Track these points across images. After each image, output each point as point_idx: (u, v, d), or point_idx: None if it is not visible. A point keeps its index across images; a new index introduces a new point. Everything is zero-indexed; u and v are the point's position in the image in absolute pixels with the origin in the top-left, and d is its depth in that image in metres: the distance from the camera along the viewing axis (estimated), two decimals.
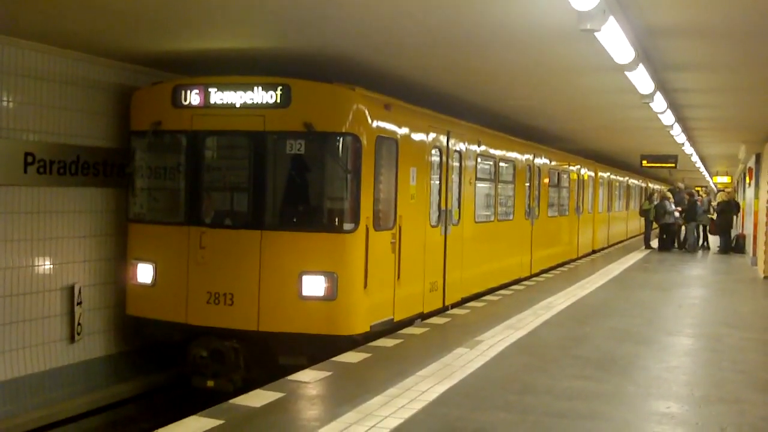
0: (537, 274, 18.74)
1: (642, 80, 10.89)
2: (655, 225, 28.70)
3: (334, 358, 8.96)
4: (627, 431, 6.79)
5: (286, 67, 10.57)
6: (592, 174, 26.91)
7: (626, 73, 10.17)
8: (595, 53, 9.14)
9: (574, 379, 8.37)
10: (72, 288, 10.40)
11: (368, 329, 10.13)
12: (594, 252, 26.92)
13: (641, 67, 9.95)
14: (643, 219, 30.05)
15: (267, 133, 10.00)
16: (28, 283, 9.86)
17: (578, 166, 24.46)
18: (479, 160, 14.73)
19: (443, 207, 12.67)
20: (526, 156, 18.34)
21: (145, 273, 10.51)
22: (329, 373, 8.27)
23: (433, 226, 12.29)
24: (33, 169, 9.75)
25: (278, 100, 9.92)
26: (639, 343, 10.65)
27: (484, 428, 6.61)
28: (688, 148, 25.25)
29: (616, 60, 9.24)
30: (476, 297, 14.14)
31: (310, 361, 8.86)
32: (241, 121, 10.12)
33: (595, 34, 7.59)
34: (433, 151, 12.30)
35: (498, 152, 16.05)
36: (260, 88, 9.98)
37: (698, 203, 27.46)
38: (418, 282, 11.73)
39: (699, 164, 36.22)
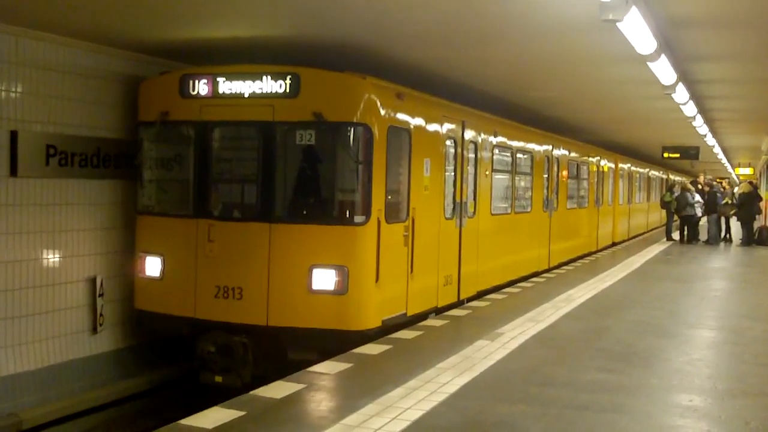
0: (555, 267, 18.48)
1: (664, 71, 10.81)
2: (676, 217, 28.50)
3: (353, 350, 8.96)
4: (649, 424, 6.73)
5: (297, 56, 10.45)
6: (612, 165, 26.57)
7: (648, 63, 10.11)
8: (616, 44, 9.08)
9: (596, 372, 8.33)
10: (94, 280, 10.46)
11: (380, 324, 9.94)
12: (614, 244, 26.59)
13: (663, 58, 9.88)
14: (664, 211, 29.89)
15: (276, 123, 9.82)
16: (51, 275, 9.96)
17: (598, 158, 24.12)
18: (495, 151, 14.46)
19: (458, 199, 12.45)
20: (545, 147, 18.03)
21: (153, 266, 10.40)
22: (349, 365, 8.27)
23: (447, 219, 12.08)
24: (55, 161, 9.82)
25: (287, 90, 9.74)
26: (661, 336, 10.58)
27: (505, 421, 6.59)
28: (710, 140, 25.08)
29: (638, 50, 9.18)
30: (492, 291, 13.92)
31: (321, 357, 8.68)
32: (250, 111, 9.96)
33: (618, 24, 7.54)
34: (448, 142, 12.09)
35: (515, 143, 15.76)
36: (269, 77, 9.81)
37: (718, 195, 27.22)
38: (432, 275, 11.54)
39: (721, 156, 35.98)
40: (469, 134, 12.86)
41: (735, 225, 28.52)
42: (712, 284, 17.17)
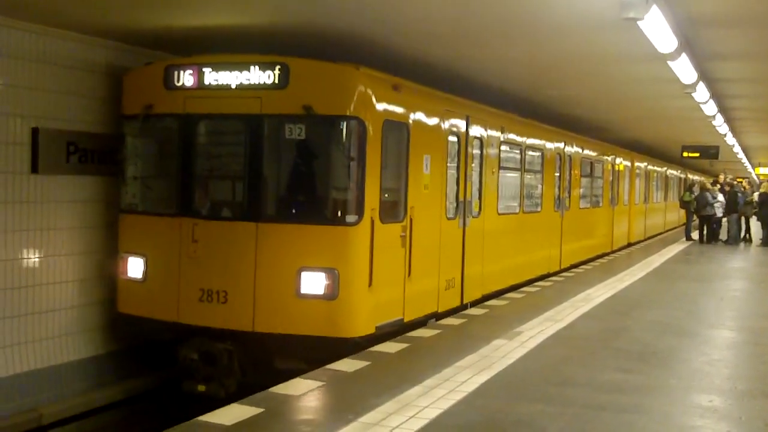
0: (567, 269, 17.94)
1: (684, 70, 10.76)
2: (695, 217, 28.33)
3: (372, 348, 8.97)
4: (669, 425, 6.70)
5: (288, 46, 9.98)
6: (628, 164, 25.97)
7: (668, 62, 10.06)
8: (637, 42, 9.04)
9: (615, 372, 8.30)
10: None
11: (373, 331, 9.36)
12: (630, 245, 25.98)
13: (684, 57, 9.83)
14: (682, 211, 29.70)
15: (264, 116, 9.28)
16: (71, 271, 10.02)
17: (613, 156, 23.46)
18: (503, 147, 13.89)
19: (462, 198, 11.88)
20: (556, 144, 17.45)
21: (135, 267, 9.88)
22: (367, 363, 8.28)
23: (450, 219, 11.51)
24: (75, 158, 9.86)
25: (276, 81, 9.18)
26: (680, 336, 10.53)
27: (523, 420, 6.58)
28: (730, 139, 24.92)
29: (659, 49, 9.13)
30: (499, 294, 13.39)
31: (310, 366, 8.17)
32: (237, 104, 9.41)
33: (638, 22, 7.51)
34: (451, 138, 11.52)
35: (524, 140, 15.15)
36: (257, 67, 9.25)
37: (739, 194, 27.04)
38: (432, 279, 11.01)
39: (741, 155, 35.72)
40: (474, 130, 12.32)
41: (755, 225, 28.34)
42: (732, 284, 17.06)
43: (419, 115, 10.48)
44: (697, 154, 28.35)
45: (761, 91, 14.63)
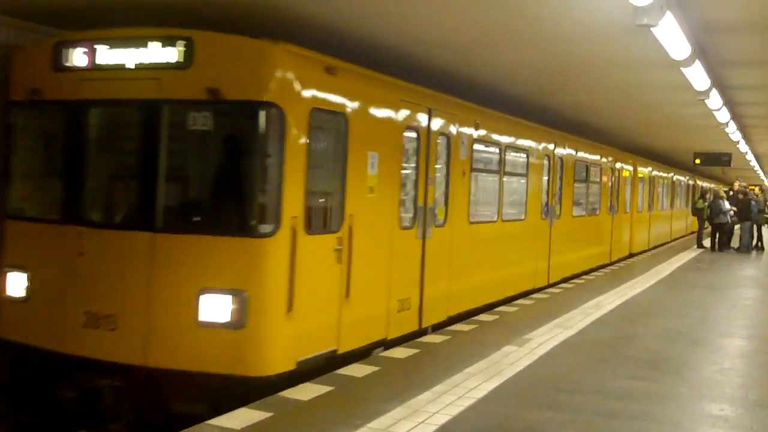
0: (557, 283, 16.22)
1: (698, 77, 10.72)
2: (707, 224, 28.20)
3: (381, 353, 8.96)
4: None
5: (202, 19, 8.44)
6: (630, 168, 24.23)
7: (682, 69, 10.02)
8: (650, 49, 9.01)
9: (625, 379, 8.26)
10: None
11: (293, 367, 7.66)
12: (631, 256, 24.22)
13: (697, 63, 9.80)
14: (690, 219, 29.49)
15: (162, 102, 7.70)
16: None
17: (612, 159, 21.59)
18: (477, 146, 12.13)
19: (421, 204, 10.22)
20: (545, 145, 15.63)
21: (16, 284, 8.28)
22: (377, 368, 8.27)
23: (405, 228, 9.88)
24: None
25: (178, 59, 7.60)
26: (691, 344, 10.47)
27: (533, 427, 6.55)
28: (743, 146, 24.83)
29: (672, 56, 9.10)
30: (472, 314, 11.72)
31: (213, 411, 6.78)
32: (133, 87, 7.83)
33: (652, 29, 7.48)
34: (408, 133, 9.91)
35: (504, 138, 13.39)
36: (155, 43, 7.69)
37: (752, 202, 26.92)
38: (379, 300, 9.37)
39: (753, 162, 35.57)
40: (438, 124, 10.64)
41: (767, 233, 28.22)
42: (744, 292, 16.98)
43: (362, 104, 8.88)
44: (709, 162, 28.24)
45: None
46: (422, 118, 10.25)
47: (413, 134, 10.06)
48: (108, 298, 7.69)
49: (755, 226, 27.57)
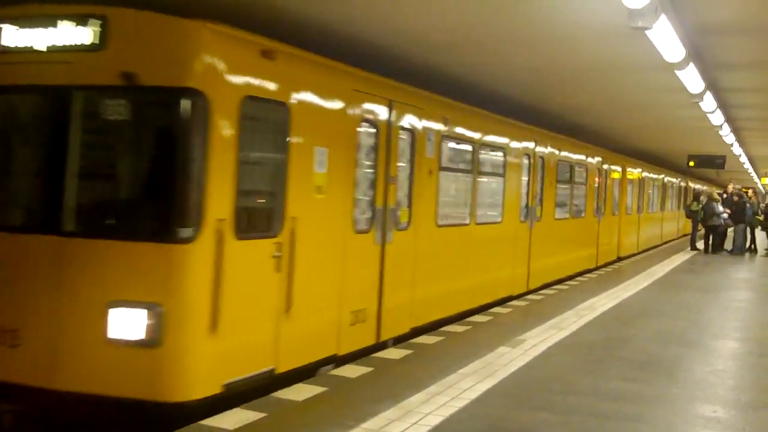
0: (538, 289, 15.39)
1: (692, 79, 10.75)
2: (700, 226, 28.26)
3: (375, 354, 8.95)
4: None
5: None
6: (619, 169, 23.46)
7: (676, 71, 10.05)
8: (644, 51, 9.04)
9: (619, 381, 8.28)
10: None
11: (219, 390, 6.81)
12: (619, 260, 23.45)
13: (691, 66, 9.82)
14: (682, 223, 29.46)
15: (72, 88, 6.89)
16: None
17: (599, 159, 20.80)
18: (447, 144, 11.33)
19: (380, 205, 9.42)
20: (524, 143, 14.75)
21: None
22: (370, 369, 8.27)
23: (360, 232, 9.03)
24: None
25: (92, 40, 6.78)
26: (684, 346, 10.49)
27: (526, 428, 6.56)
28: (736, 149, 24.89)
29: (667, 58, 9.12)
30: (438, 326, 10.81)
31: None
32: (42, 72, 7.02)
33: (646, 32, 7.50)
34: (364, 128, 9.11)
35: (478, 135, 12.54)
36: (67, 22, 6.86)
37: (747, 205, 26.98)
38: (328, 312, 8.48)
39: (747, 165, 35.66)
40: (400, 118, 9.82)
41: (760, 235, 28.30)
42: (737, 294, 17.01)
43: (308, 95, 8.00)
44: (703, 164, 28.31)
45: None
46: (381, 111, 9.42)
47: (371, 129, 9.25)
48: (9, 310, 6.88)
49: (748, 229, 27.64)
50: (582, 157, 19.12)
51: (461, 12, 8.26)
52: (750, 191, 31.77)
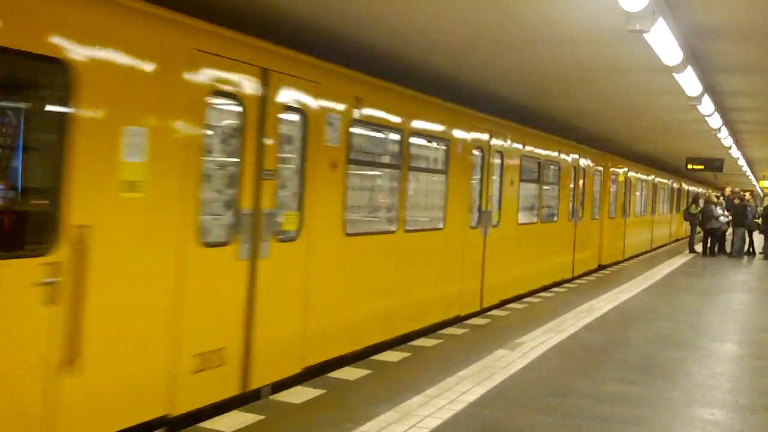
0: (497, 306, 13.34)
1: (690, 82, 10.74)
2: (699, 229, 28.26)
3: (372, 357, 8.95)
4: None
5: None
6: (600, 168, 21.34)
7: (674, 74, 10.04)
8: (642, 54, 9.04)
9: (617, 384, 8.28)
10: None
11: None
12: (601, 268, 21.33)
13: (689, 69, 9.82)
14: (675, 227, 29.32)
15: None
16: None
17: (576, 157, 18.52)
18: (358, 130, 9.30)
19: (246, 208, 7.18)
20: (475, 134, 12.40)
21: None
22: (369, 372, 8.26)
23: (213, 245, 6.86)
24: None
25: None
26: (683, 349, 10.50)
27: (524, 431, 6.56)
28: (734, 152, 24.89)
29: (664, 61, 9.12)
30: (348, 361, 8.74)
31: None
32: None
33: (644, 35, 7.50)
34: (219, 103, 7.10)
35: (408, 122, 10.20)
36: None
37: (748, 208, 26.97)
38: (151, 358, 6.21)
39: (745, 168, 35.68)
40: (282, 94, 7.64)
41: (758, 238, 28.31)
42: (735, 297, 17.01)
43: (108, 51, 5.69)
44: (701, 167, 28.31)
45: (767, 104, 14.61)
46: (248, 85, 7.18)
47: (233, 107, 7.13)
48: None
49: (747, 232, 27.65)
50: (554, 153, 16.85)
51: (458, 13, 8.27)
52: (747, 194, 31.76)
